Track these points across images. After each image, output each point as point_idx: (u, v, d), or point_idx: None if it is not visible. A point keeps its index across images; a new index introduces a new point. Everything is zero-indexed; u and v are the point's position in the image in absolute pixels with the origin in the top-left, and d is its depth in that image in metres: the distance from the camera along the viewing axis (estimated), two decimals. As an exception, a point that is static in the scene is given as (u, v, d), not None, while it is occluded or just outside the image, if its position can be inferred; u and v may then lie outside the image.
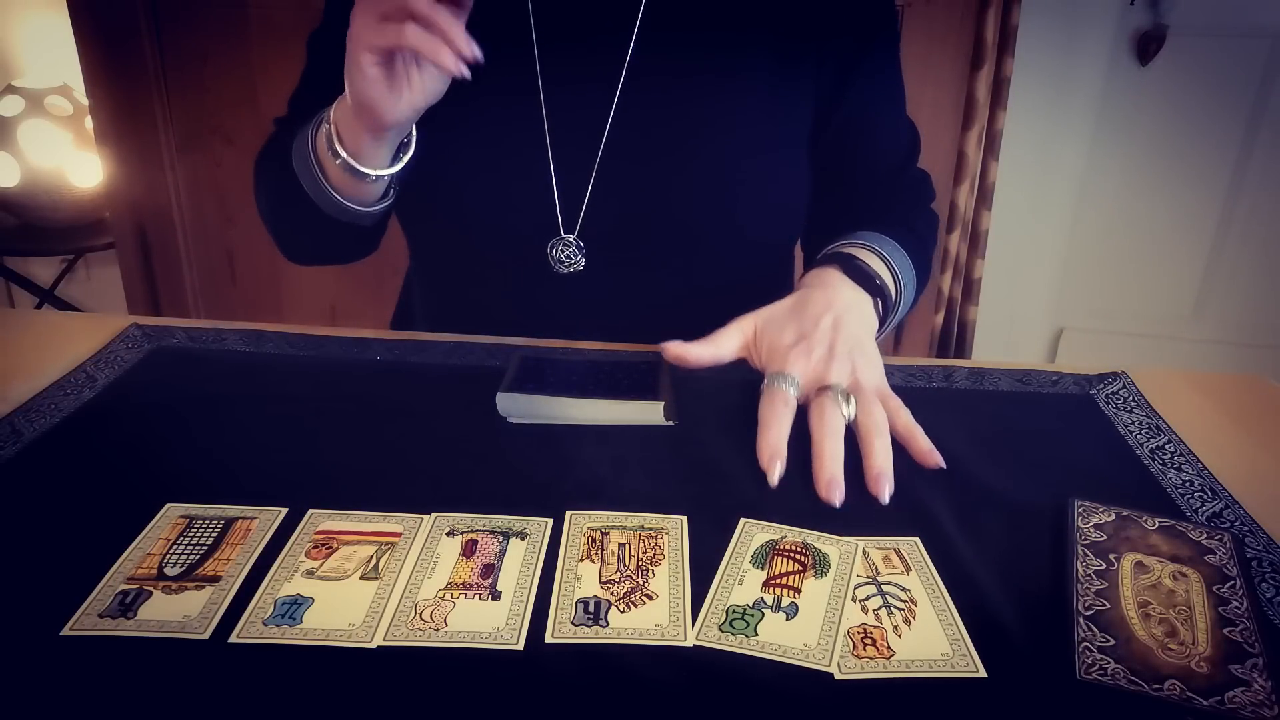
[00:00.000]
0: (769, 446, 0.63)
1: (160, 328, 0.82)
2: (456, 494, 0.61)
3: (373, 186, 0.77)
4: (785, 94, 0.83)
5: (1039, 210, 2.16)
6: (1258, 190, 2.13)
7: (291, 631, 0.49)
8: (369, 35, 0.65)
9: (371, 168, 0.74)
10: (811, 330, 0.69)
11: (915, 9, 1.65)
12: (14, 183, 1.93)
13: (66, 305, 2.21)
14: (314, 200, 0.78)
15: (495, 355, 0.79)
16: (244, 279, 1.89)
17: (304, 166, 0.77)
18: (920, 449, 0.64)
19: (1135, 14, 2.00)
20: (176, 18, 1.68)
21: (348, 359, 0.79)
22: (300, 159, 0.77)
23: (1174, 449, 0.69)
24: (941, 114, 1.73)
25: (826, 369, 0.67)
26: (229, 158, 1.77)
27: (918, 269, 0.84)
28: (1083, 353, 2.30)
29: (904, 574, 0.55)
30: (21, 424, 0.66)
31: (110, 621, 0.49)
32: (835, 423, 0.64)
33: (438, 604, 0.51)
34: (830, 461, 0.62)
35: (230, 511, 0.58)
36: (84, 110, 1.91)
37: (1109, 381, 0.79)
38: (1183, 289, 2.26)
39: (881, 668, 0.48)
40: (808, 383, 0.67)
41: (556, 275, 0.84)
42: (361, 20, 0.65)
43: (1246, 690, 0.47)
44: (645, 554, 0.55)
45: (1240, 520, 0.61)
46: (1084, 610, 0.52)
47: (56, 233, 2.03)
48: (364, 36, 0.65)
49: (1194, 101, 2.06)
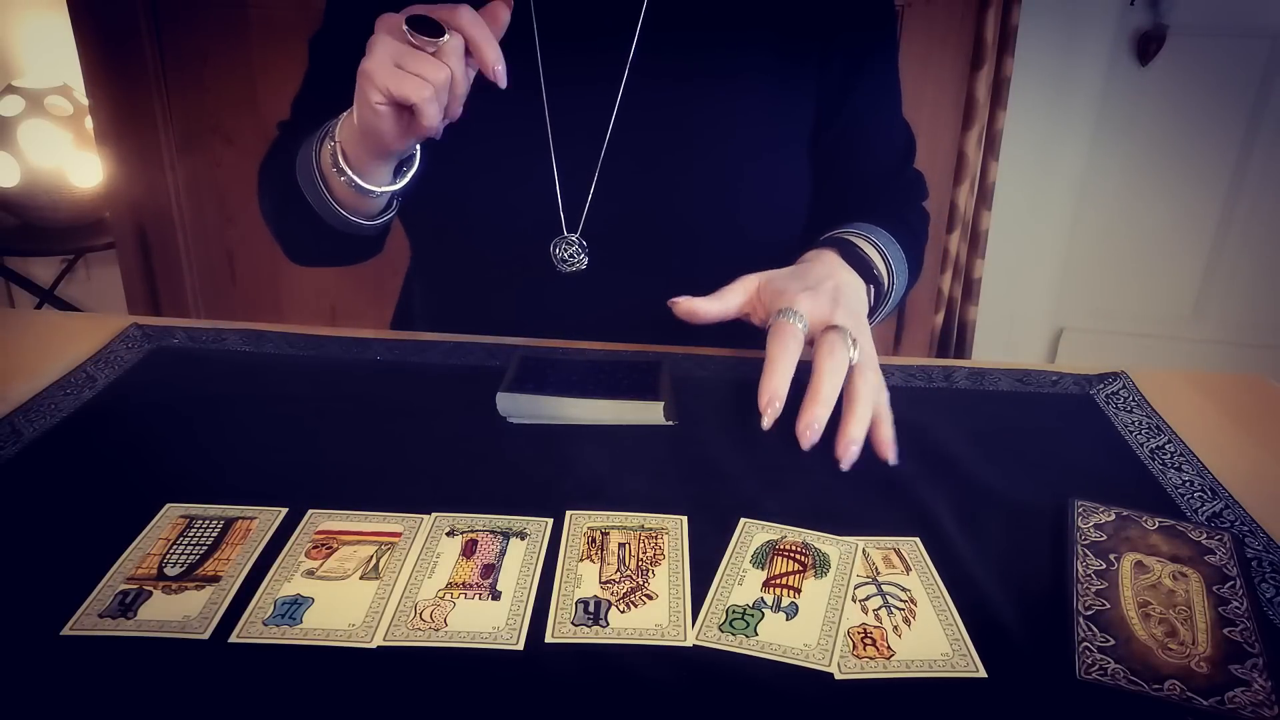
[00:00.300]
0: (770, 388, 0.62)
1: (160, 328, 0.82)
2: (456, 494, 0.61)
3: (376, 201, 0.77)
4: (787, 94, 0.83)
5: (1039, 210, 2.16)
6: (1258, 190, 2.12)
7: (291, 631, 0.49)
8: (383, 77, 0.64)
9: (375, 185, 0.74)
10: (816, 285, 0.69)
11: (915, 9, 1.65)
12: (14, 183, 1.93)
13: (66, 305, 2.21)
14: (318, 212, 0.78)
15: (495, 355, 0.79)
16: (244, 279, 1.89)
17: (308, 180, 0.77)
18: (883, 437, 0.64)
19: (1135, 14, 2.00)
20: (176, 18, 1.68)
21: (348, 359, 0.79)
22: (304, 173, 0.77)
23: (1174, 449, 0.69)
24: (941, 114, 1.73)
25: (833, 312, 0.67)
26: (229, 158, 1.77)
27: (910, 263, 0.83)
28: (1083, 353, 2.30)
29: (904, 574, 0.55)
30: (21, 424, 0.66)
31: (110, 621, 0.49)
32: (840, 360, 0.63)
33: (438, 604, 0.51)
34: (825, 400, 0.61)
35: (230, 511, 0.58)
36: (84, 110, 1.91)
37: (1109, 381, 0.79)
38: (1183, 289, 2.26)
39: (881, 668, 0.48)
40: (815, 321, 0.66)
41: (558, 275, 0.84)
42: (378, 60, 0.65)
43: (1246, 690, 0.47)
44: (645, 554, 0.55)
45: (1240, 520, 0.61)
46: (1084, 610, 0.52)
47: (56, 233, 2.03)
48: (378, 78, 0.65)
49: (1194, 101, 2.06)
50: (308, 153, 0.77)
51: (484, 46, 0.65)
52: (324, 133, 0.76)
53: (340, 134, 0.73)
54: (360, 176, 0.73)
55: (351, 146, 0.72)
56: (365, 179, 0.73)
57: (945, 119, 1.74)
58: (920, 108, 0.91)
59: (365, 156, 0.72)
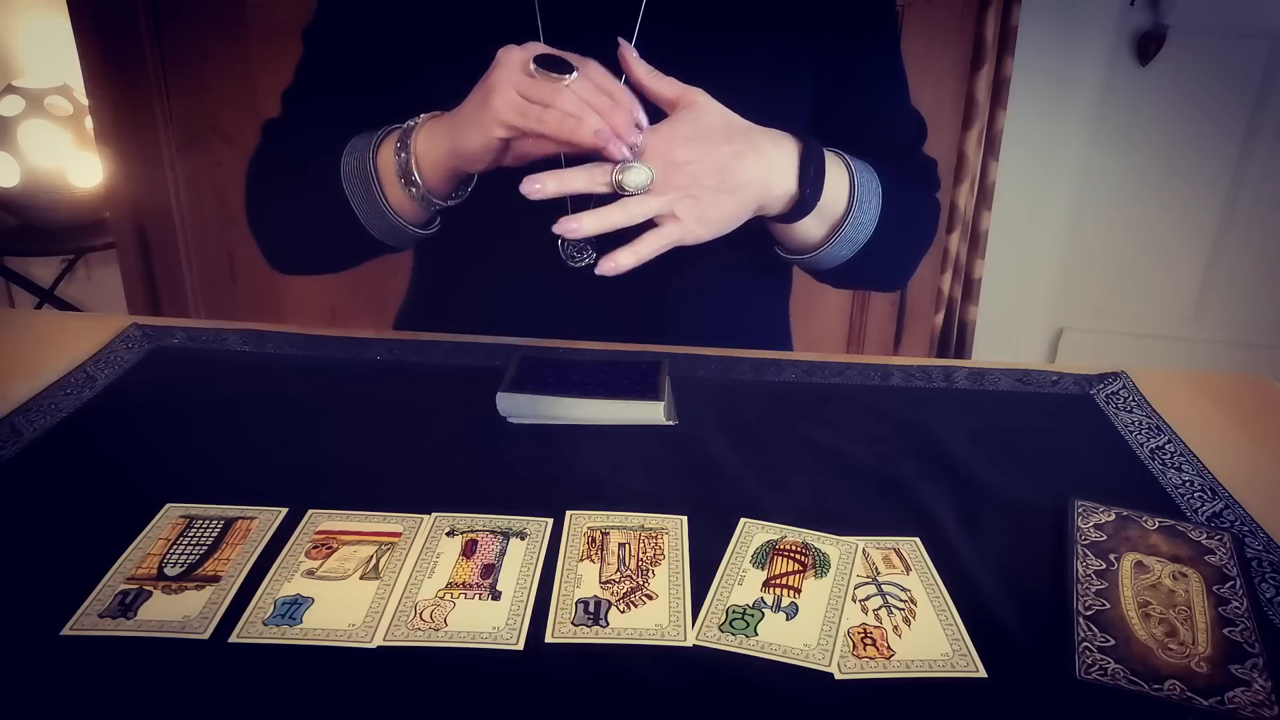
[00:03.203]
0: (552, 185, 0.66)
1: (160, 328, 0.82)
2: (456, 494, 0.61)
3: (430, 211, 0.78)
4: (786, 90, 0.84)
5: (1039, 210, 2.16)
6: (1258, 190, 2.12)
7: (291, 631, 0.49)
8: (509, 114, 0.67)
9: (440, 199, 0.76)
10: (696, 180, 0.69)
11: (915, 9, 1.65)
12: (14, 183, 1.93)
13: (66, 305, 2.21)
14: (361, 221, 0.78)
15: (495, 355, 0.79)
16: (244, 279, 1.89)
17: (361, 189, 0.77)
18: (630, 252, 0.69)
19: (1135, 14, 2.00)
20: (176, 18, 1.68)
21: (348, 359, 0.79)
22: (358, 184, 0.77)
23: (1174, 449, 0.69)
24: (941, 114, 1.73)
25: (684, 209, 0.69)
26: (229, 158, 1.77)
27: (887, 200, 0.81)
28: (1083, 353, 2.30)
29: (904, 574, 0.55)
30: (21, 424, 0.66)
31: (110, 621, 0.49)
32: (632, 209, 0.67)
33: (438, 604, 0.51)
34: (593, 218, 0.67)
35: (230, 511, 0.58)
36: (84, 110, 1.91)
37: (1109, 381, 0.79)
38: (1183, 289, 2.25)
39: (881, 668, 0.48)
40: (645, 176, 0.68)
41: (561, 273, 0.84)
42: (504, 95, 0.67)
43: (1246, 690, 0.47)
44: (645, 554, 0.55)
45: (1240, 520, 0.61)
46: (1084, 610, 0.52)
47: (56, 233, 2.03)
48: (504, 115, 0.67)
49: (1194, 101, 2.06)
50: (363, 163, 0.76)
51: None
52: (377, 140, 0.76)
53: (419, 146, 0.73)
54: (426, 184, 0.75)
55: (432, 164, 0.73)
56: (432, 193, 0.75)
57: (945, 119, 1.74)
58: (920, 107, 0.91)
59: (445, 173, 0.74)
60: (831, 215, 0.77)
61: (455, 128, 0.71)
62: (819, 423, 0.71)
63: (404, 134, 0.74)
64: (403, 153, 0.74)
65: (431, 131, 0.73)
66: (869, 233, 0.80)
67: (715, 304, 0.89)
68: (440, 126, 0.73)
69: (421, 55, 0.82)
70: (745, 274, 0.89)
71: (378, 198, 0.76)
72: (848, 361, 0.82)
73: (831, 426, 0.71)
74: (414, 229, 0.79)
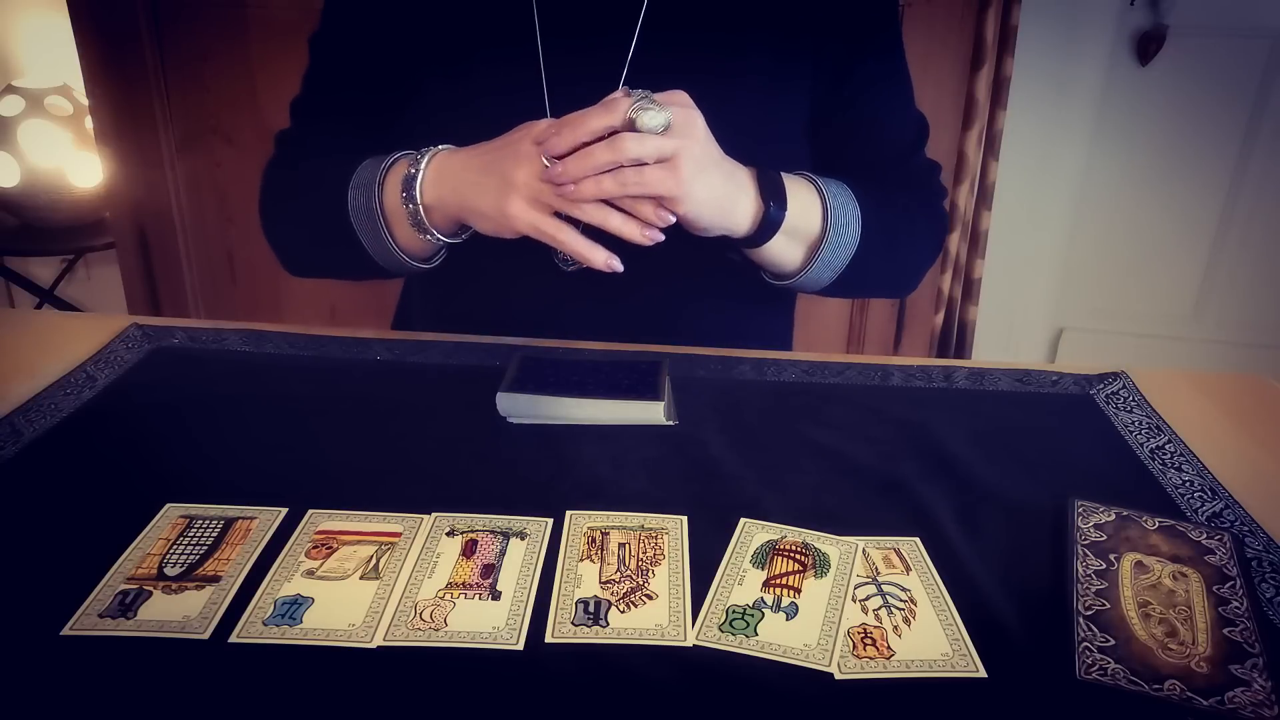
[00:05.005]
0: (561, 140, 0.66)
1: (160, 328, 0.82)
2: (456, 494, 0.61)
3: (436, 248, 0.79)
4: (784, 91, 0.84)
5: (1039, 210, 2.16)
6: (1258, 190, 2.12)
7: (291, 631, 0.49)
8: (524, 227, 0.69)
9: (449, 238, 0.77)
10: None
11: (915, 9, 1.65)
12: (14, 183, 1.93)
13: (66, 305, 2.21)
14: (371, 255, 0.79)
15: (495, 355, 0.79)
16: (244, 279, 1.89)
17: (368, 227, 0.77)
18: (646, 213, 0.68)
19: (1135, 14, 2.00)
20: (176, 18, 1.68)
21: (348, 359, 0.79)
22: (365, 220, 0.77)
23: (1174, 449, 0.69)
24: (941, 114, 1.73)
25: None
26: (229, 158, 1.77)
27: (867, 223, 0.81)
28: (1083, 353, 2.30)
29: (904, 574, 0.55)
30: (21, 424, 0.66)
31: (110, 621, 0.49)
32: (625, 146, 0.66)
33: (438, 604, 0.51)
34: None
35: (230, 511, 0.58)
36: (84, 110, 1.91)
37: (1109, 381, 0.79)
38: (1183, 289, 2.25)
39: (881, 668, 0.48)
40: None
41: (560, 273, 0.84)
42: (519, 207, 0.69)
43: (1246, 690, 0.47)
44: (645, 554, 0.55)
45: (1240, 520, 0.61)
46: (1084, 610, 0.52)
47: (56, 233, 2.03)
48: (520, 226, 0.69)
49: (1194, 101, 2.06)
50: (369, 200, 0.77)
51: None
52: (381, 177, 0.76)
53: (425, 198, 0.73)
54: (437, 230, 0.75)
55: (442, 215, 0.74)
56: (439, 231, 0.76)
57: (945, 119, 1.74)
58: (920, 107, 0.91)
59: (454, 225, 0.75)
60: (806, 237, 0.78)
61: (466, 195, 0.72)
62: (819, 423, 0.71)
63: (408, 182, 0.74)
64: (410, 204, 0.74)
65: (438, 183, 0.73)
66: (849, 255, 0.80)
67: (716, 305, 0.89)
68: (448, 182, 0.73)
69: (422, 56, 0.82)
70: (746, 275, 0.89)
71: (384, 237, 0.77)
72: (848, 361, 0.82)
73: (831, 426, 0.71)
74: (419, 264, 0.80)
